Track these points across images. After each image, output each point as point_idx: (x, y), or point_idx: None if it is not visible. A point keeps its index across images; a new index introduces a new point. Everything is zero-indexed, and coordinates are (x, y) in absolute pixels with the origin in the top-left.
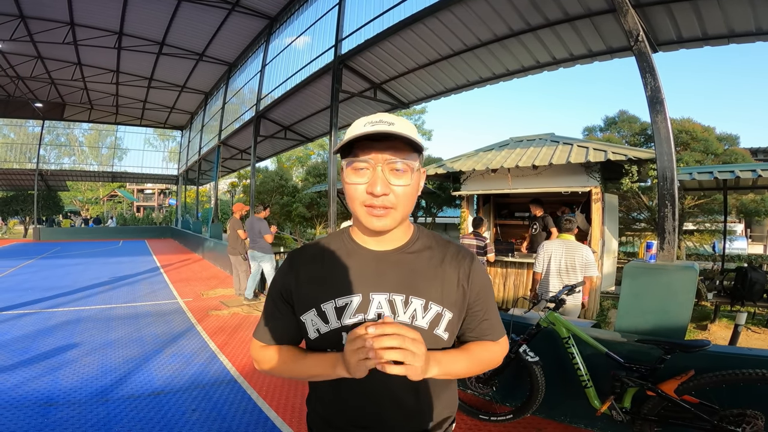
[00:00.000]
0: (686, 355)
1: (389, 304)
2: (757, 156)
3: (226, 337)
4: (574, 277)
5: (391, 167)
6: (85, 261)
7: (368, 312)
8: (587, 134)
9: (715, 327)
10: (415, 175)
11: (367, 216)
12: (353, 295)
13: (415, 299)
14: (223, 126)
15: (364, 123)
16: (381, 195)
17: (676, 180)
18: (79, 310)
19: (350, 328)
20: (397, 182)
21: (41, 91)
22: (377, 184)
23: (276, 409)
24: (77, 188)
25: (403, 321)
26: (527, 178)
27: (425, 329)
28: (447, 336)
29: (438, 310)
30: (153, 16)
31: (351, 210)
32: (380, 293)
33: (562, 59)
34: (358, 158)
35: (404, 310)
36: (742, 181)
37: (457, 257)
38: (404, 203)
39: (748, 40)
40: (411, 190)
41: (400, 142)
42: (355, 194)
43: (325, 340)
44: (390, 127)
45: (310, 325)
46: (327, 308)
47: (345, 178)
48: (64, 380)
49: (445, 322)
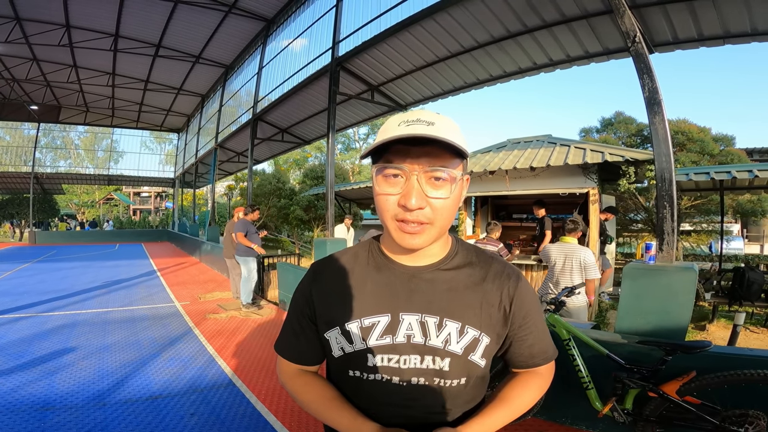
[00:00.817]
0: (687, 356)
1: (421, 327)
2: (752, 156)
3: (224, 340)
4: (572, 279)
5: (428, 176)
6: (81, 264)
7: (397, 334)
8: (584, 135)
9: (714, 327)
10: (456, 186)
11: (398, 232)
12: (381, 315)
13: (450, 322)
14: (220, 128)
15: (398, 122)
16: (416, 209)
17: (675, 181)
18: (75, 313)
19: (377, 350)
20: (436, 194)
21: (37, 93)
22: (411, 196)
23: (275, 414)
24: (73, 191)
25: (436, 345)
26: (525, 180)
27: (459, 355)
28: (484, 363)
29: (475, 334)
30: (149, 18)
31: (382, 223)
32: (411, 314)
33: (558, 60)
34: (390, 164)
35: (437, 334)
36: (739, 181)
37: (500, 276)
38: (443, 218)
39: (744, 40)
40: (451, 204)
41: (439, 146)
42: (386, 206)
43: (349, 361)
44: (428, 129)
45: (335, 344)
46: (352, 327)
47: (375, 186)
48: (61, 384)
49: (482, 347)
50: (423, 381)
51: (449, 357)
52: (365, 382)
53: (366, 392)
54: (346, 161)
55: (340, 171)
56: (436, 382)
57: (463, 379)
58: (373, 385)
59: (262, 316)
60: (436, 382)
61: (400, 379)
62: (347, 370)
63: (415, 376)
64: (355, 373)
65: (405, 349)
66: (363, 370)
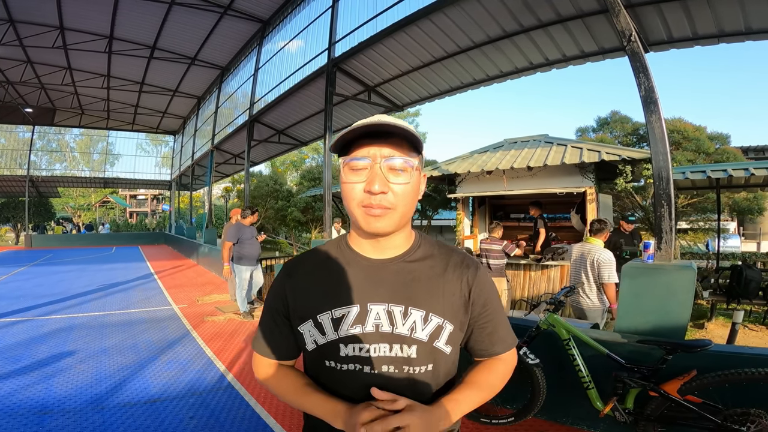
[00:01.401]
0: (688, 355)
1: (388, 315)
2: (748, 154)
3: (222, 343)
4: (583, 279)
5: (390, 165)
6: (77, 268)
7: (366, 323)
8: (580, 135)
9: (712, 325)
10: (415, 174)
11: (364, 217)
12: (351, 306)
13: (414, 310)
14: (216, 130)
15: (362, 124)
16: (379, 193)
17: (672, 179)
18: (72, 317)
19: (348, 339)
20: (397, 180)
21: (31, 96)
22: (375, 182)
23: (275, 416)
24: (69, 194)
25: (402, 333)
26: (522, 180)
27: (425, 342)
28: (450, 349)
29: (439, 322)
30: (144, 19)
31: (349, 212)
32: (379, 304)
33: (555, 60)
34: (354, 156)
35: (403, 322)
36: (735, 179)
37: (460, 266)
38: (404, 203)
39: (738, 39)
40: (411, 189)
41: (399, 140)
42: (352, 194)
43: (322, 353)
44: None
45: (308, 336)
46: (323, 319)
47: (343, 177)
48: (59, 388)
49: (446, 334)
50: (393, 369)
51: (416, 344)
52: (339, 372)
53: (341, 382)
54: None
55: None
56: (405, 369)
57: (430, 366)
58: (346, 375)
59: None
60: (405, 369)
61: (371, 368)
62: (322, 361)
63: (385, 364)
64: (330, 363)
65: (374, 338)
66: (336, 360)
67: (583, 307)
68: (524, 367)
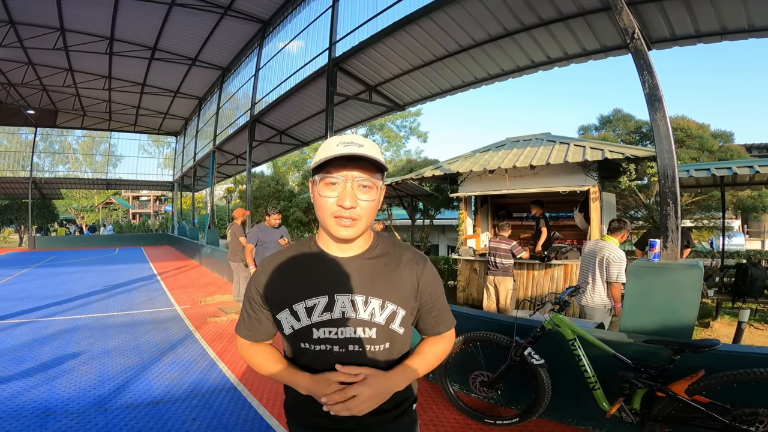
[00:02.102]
0: (696, 355)
1: (351, 304)
2: (751, 152)
3: (225, 344)
4: (590, 277)
5: (359, 184)
6: (81, 269)
7: (334, 311)
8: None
9: (718, 324)
10: (379, 192)
11: (336, 226)
12: (321, 297)
13: (373, 299)
14: (217, 131)
15: (337, 143)
16: (349, 208)
17: (678, 177)
18: (75, 318)
19: (319, 324)
20: (364, 197)
21: (33, 97)
22: (346, 199)
23: (278, 418)
24: (72, 196)
25: (364, 318)
26: (525, 179)
27: (382, 325)
28: (402, 330)
29: (393, 308)
30: (144, 20)
31: (321, 220)
32: (344, 294)
33: (556, 58)
34: (331, 174)
35: (364, 309)
36: (739, 177)
37: (411, 262)
38: (368, 215)
39: (741, 36)
40: (374, 205)
41: (367, 163)
42: (325, 206)
43: (298, 336)
44: (360, 149)
45: (285, 323)
46: (298, 308)
47: (317, 190)
48: (62, 389)
49: (399, 318)
50: (357, 348)
51: (375, 327)
52: (312, 352)
53: (315, 360)
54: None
55: None
56: (367, 348)
57: (387, 344)
58: (319, 354)
59: None
60: (367, 348)
61: (340, 347)
62: (298, 343)
63: (351, 344)
64: (304, 345)
65: (341, 323)
66: (310, 342)
67: (588, 305)
68: (529, 368)
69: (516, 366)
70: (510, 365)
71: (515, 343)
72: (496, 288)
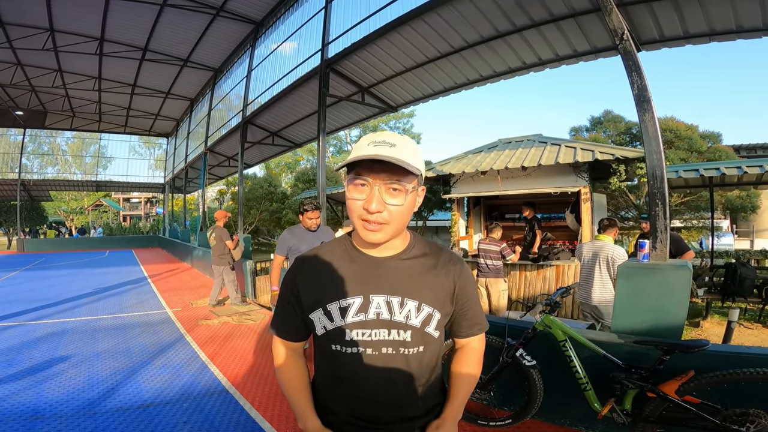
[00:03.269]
0: (686, 356)
1: (387, 305)
2: (739, 153)
3: (216, 346)
4: (601, 277)
5: (387, 187)
6: (70, 272)
7: (368, 312)
8: (574, 134)
9: (708, 324)
10: (410, 196)
11: (362, 229)
12: (355, 297)
13: (409, 301)
14: (209, 133)
15: (368, 142)
16: (375, 212)
17: (666, 178)
18: (64, 321)
19: (353, 326)
20: (392, 201)
21: (22, 98)
22: (372, 202)
23: (270, 420)
24: (61, 198)
25: (399, 320)
26: (517, 180)
27: (418, 327)
28: (437, 334)
29: (429, 311)
30: (135, 21)
31: (351, 221)
32: (379, 295)
33: (548, 60)
34: (359, 176)
35: (400, 311)
36: (728, 177)
37: (448, 264)
38: (397, 220)
39: (729, 38)
40: (405, 210)
41: (398, 165)
42: (353, 208)
43: (330, 337)
44: (391, 150)
45: (318, 323)
46: (332, 308)
47: (347, 192)
48: (51, 393)
49: (435, 321)
50: (390, 350)
51: (410, 329)
52: (344, 355)
53: (346, 362)
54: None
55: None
56: (401, 351)
57: (422, 347)
58: (351, 357)
59: (255, 321)
60: (401, 351)
61: (373, 350)
62: (329, 345)
63: (384, 347)
64: (336, 347)
65: (375, 324)
66: (342, 344)
67: (601, 302)
68: (521, 369)
69: (508, 367)
70: (502, 366)
71: (507, 345)
72: (487, 290)
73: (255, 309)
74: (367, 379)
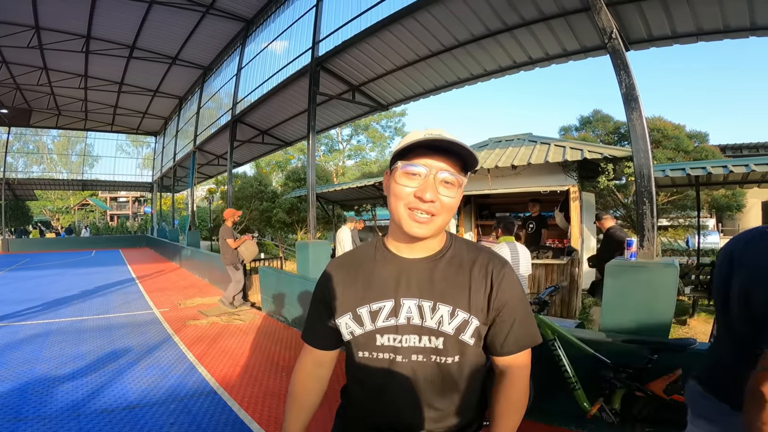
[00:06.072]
0: (673, 354)
1: (418, 310)
2: (726, 152)
3: (204, 347)
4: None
5: (442, 178)
6: (55, 272)
7: (399, 316)
8: (563, 134)
9: (695, 322)
10: (459, 192)
11: (409, 220)
12: (386, 301)
13: (442, 306)
14: (198, 131)
15: (424, 133)
16: (429, 201)
17: (653, 177)
18: (49, 322)
19: (383, 330)
20: (445, 192)
21: (6, 96)
22: (428, 191)
23: (259, 421)
24: (47, 197)
25: (431, 326)
26: (507, 179)
27: (451, 334)
28: (473, 341)
29: (465, 317)
30: (123, 18)
31: (392, 212)
32: (410, 299)
33: (538, 59)
34: (413, 163)
35: (431, 316)
36: (714, 177)
37: (487, 265)
38: (445, 215)
39: (716, 38)
40: (454, 203)
41: (454, 157)
42: (402, 194)
43: (357, 344)
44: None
45: (344, 328)
46: (362, 312)
47: (396, 178)
48: (34, 395)
49: (471, 328)
50: (421, 358)
51: (443, 336)
52: (373, 360)
53: (374, 369)
54: (330, 163)
55: (323, 173)
56: (433, 358)
57: (457, 357)
58: (379, 363)
59: (244, 321)
60: (433, 358)
61: (403, 357)
62: (356, 351)
63: (415, 354)
64: (363, 353)
65: (405, 330)
66: (371, 350)
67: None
68: None
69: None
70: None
71: None
72: None
73: (245, 309)
74: (395, 387)
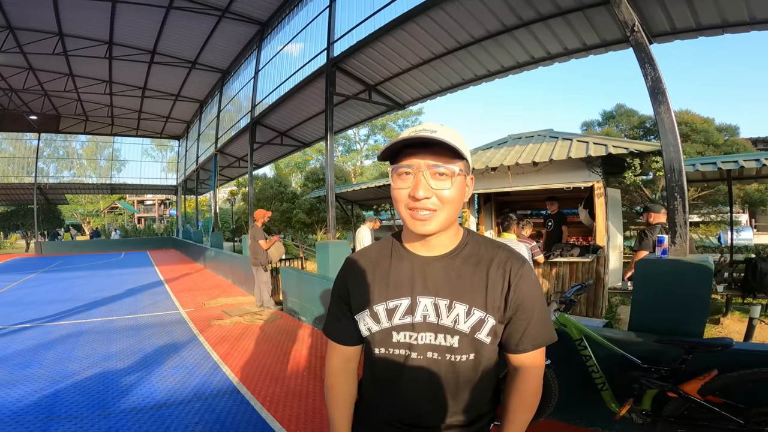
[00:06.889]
0: (708, 354)
1: (434, 308)
2: (757, 146)
3: (228, 347)
4: None
5: (432, 171)
6: (87, 274)
7: (415, 314)
8: (585, 129)
9: (728, 320)
10: (457, 180)
11: (411, 220)
12: (403, 298)
13: (458, 304)
14: (219, 134)
15: (408, 133)
16: (422, 198)
17: (684, 171)
18: (80, 323)
19: (399, 328)
20: (439, 186)
21: (35, 103)
22: (419, 188)
23: (281, 421)
24: (77, 201)
25: (446, 324)
26: (528, 176)
27: (467, 333)
28: (489, 340)
29: (481, 315)
30: (142, 24)
31: (399, 214)
32: (426, 297)
33: (556, 54)
34: (400, 164)
35: (447, 314)
36: (746, 170)
37: (505, 264)
38: (447, 207)
39: (743, 29)
40: (454, 195)
41: (441, 148)
42: (399, 197)
43: (375, 339)
44: (431, 134)
45: (363, 325)
46: (379, 309)
47: (392, 183)
48: (66, 394)
49: (487, 327)
50: (436, 356)
51: (458, 335)
52: (388, 357)
53: (390, 365)
54: (348, 163)
55: (341, 173)
56: (447, 357)
57: (472, 355)
58: (395, 359)
59: (266, 321)
60: (447, 357)
61: (418, 354)
62: (374, 347)
63: (430, 351)
64: (380, 350)
65: (421, 328)
66: (387, 346)
67: None
68: None
69: None
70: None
71: None
72: None
73: (271, 309)
74: (408, 383)
